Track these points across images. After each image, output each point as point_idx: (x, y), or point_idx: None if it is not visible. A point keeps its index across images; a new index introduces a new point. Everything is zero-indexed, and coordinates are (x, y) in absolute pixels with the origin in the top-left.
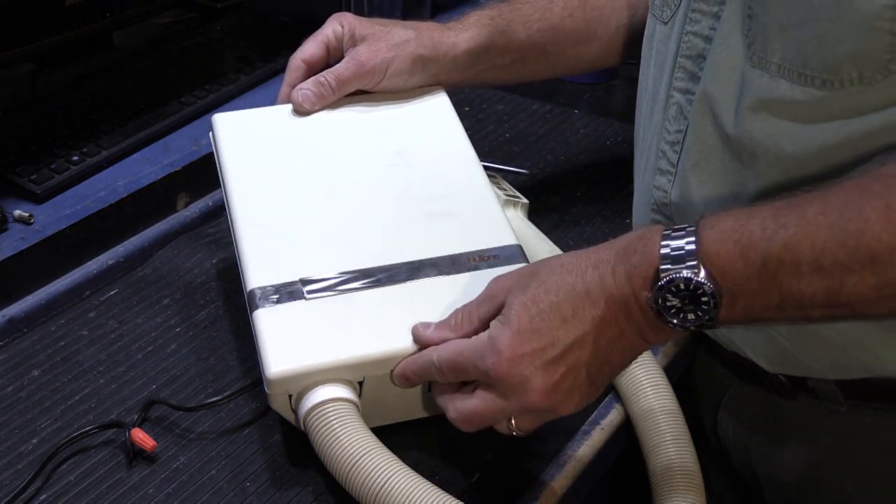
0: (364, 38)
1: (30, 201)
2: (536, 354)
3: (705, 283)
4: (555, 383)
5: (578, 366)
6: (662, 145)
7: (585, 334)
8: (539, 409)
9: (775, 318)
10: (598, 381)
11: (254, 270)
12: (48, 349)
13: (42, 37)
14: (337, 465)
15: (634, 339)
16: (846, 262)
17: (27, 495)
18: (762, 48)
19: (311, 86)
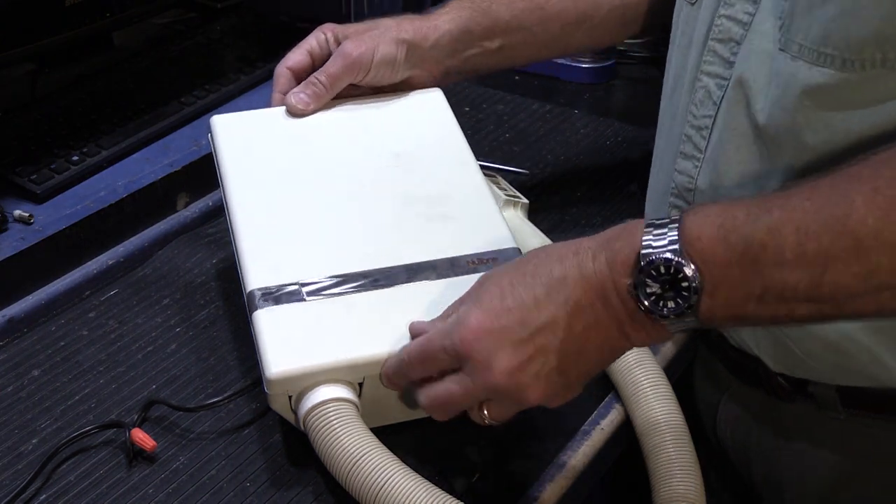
0: (347, 36)
1: (30, 201)
2: (504, 332)
3: (686, 266)
4: (520, 364)
5: (548, 351)
6: (687, 129)
7: (558, 318)
8: (504, 392)
9: (758, 315)
10: (570, 374)
11: (253, 271)
12: (48, 349)
13: (42, 37)
14: (337, 466)
15: (612, 332)
16: (830, 247)
17: (27, 495)
18: (787, 29)
19: (304, 88)
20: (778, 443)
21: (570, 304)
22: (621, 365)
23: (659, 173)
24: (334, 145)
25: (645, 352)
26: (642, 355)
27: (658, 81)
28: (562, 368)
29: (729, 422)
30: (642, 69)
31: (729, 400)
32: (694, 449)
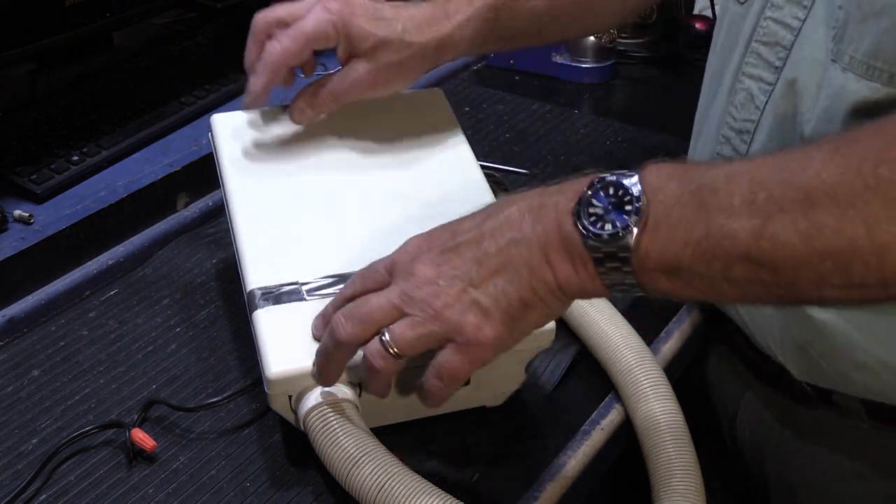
0: (363, 53)
1: (30, 201)
2: (434, 241)
3: (633, 187)
4: (439, 272)
5: (468, 261)
6: (726, 131)
7: (485, 231)
8: (417, 300)
9: (692, 269)
10: (486, 295)
11: (253, 271)
12: (48, 349)
13: (42, 37)
14: (337, 466)
15: (535, 254)
16: (779, 198)
17: (27, 495)
18: (840, 39)
19: (306, 102)
20: (795, 446)
21: (502, 218)
22: (621, 365)
23: None
24: (335, 144)
25: (645, 352)
26: (642, 355)
27: (658, 81)
28: (476, 282)
29: (750, 422)
30: (642, 69)
31: (751, 399)
32: (694, 449)
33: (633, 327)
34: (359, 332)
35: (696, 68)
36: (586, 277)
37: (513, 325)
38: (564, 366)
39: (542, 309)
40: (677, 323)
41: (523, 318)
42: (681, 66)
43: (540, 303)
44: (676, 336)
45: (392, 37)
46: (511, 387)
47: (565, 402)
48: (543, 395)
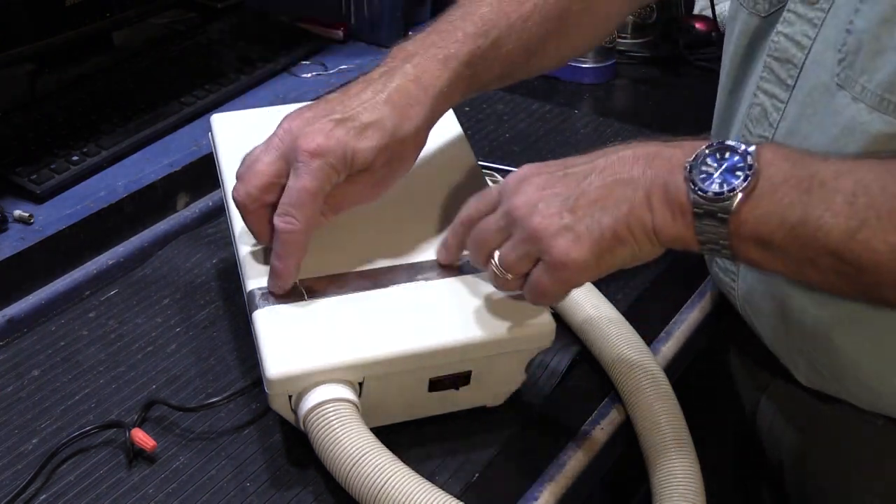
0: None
1: (30, 201)
2: (546, 168)
3: (749, 156)
4: (542, 194)
5: (571, 187)
6: None
7: (596, 165)
8: (518, 217)
9: (783, 248)
10: (579, 219)
11: (253, 271)
12: (48, 349)
13: (42, 37)
14: (337, 466)
15: (639, 195)
16: (878, 206)
17: (27, 495)
18: (850, 66)
19: None
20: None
21: (614, 158)
22: (621, 365)
23: None
24: None
25: (645, 352)
26: (643, 355)
27: (658, 81)
28: (573, 207)
29: (769, 411)
30: (642, 69)
31: (770, 395)
32: (694, 449)
33: (633, 327)
34: (477, 257)
35: (696, 68)
36: (682, 227)
37: (601, 256)
38: (564, 366)
39: (633, 247)
40: (677, 323)
41: (612, 252)
42: (681, 66)
43: (632, 240)
44: (676, 336)
45: (387, 140)
46: (511, 387)
47: (565, 402)
48: (543, 395)
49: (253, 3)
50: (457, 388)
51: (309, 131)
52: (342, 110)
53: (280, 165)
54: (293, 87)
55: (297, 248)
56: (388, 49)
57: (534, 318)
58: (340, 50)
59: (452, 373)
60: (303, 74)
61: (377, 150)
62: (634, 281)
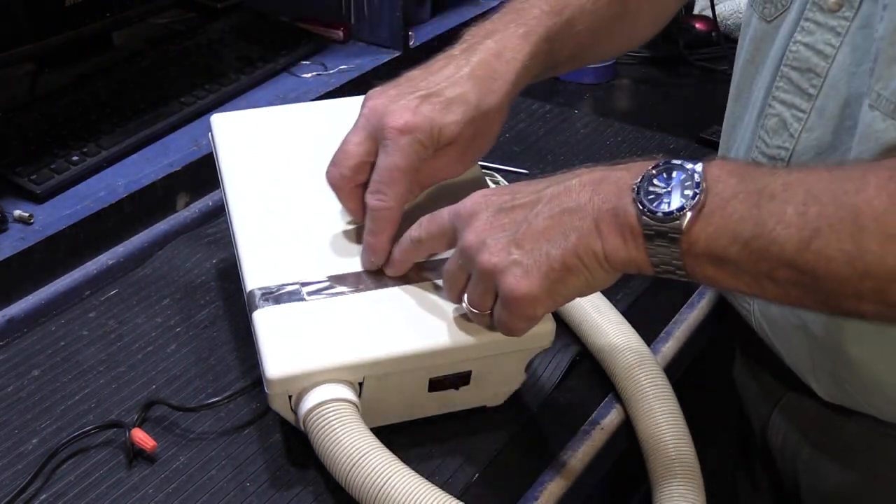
0: (454, 138)
1: (30, 201)
2: (495, 198)
3: (696, 174)
4: (491, 226)
5: (518, 221)
6: (756, 155)
7: (543, 195)
8: (469, 253)
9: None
10: (525, 250)
11: (253, 271)
12: (48, 349)
13: (42, 37)
14: (337, 466)
15: (587, 222)
16: (829, 215)
17: (27, 495)
18: (869, 73)
19: None
20: (829, 457)
21: (561, 187)
22: (621, 365)
23: None
24: (335, 144)
25: (645, 352)
26: (643, 355)
27: (658, 81)
28: (520, 241)
29: (782, 429)
30: (642, 69)
31: (784, 407)
32: (694, 449)
33: (633, 327)
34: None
35: (696, 68)
36: (634, 250)
37: (551, 287)
38: (564, 366)
39: (585, 276)
40: (677, 323)
41: (564, 282)
42: (681, 66)
43: (583, 269)
44: (676, 336)
45: (472, 114)
46: (511, 387)
47: (565, 402)
48: (543, 395)
49: (253, 3)
50: (457, 388)
51: (395, 109)
52: (426, 86)
53: (369, 145)
54: (293, 87)
55: (389, 224)
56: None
57: None
58: (340, 50)
59: (452, 373)
60: (303, 74)
61: (463, 125)
62: (634, 281)
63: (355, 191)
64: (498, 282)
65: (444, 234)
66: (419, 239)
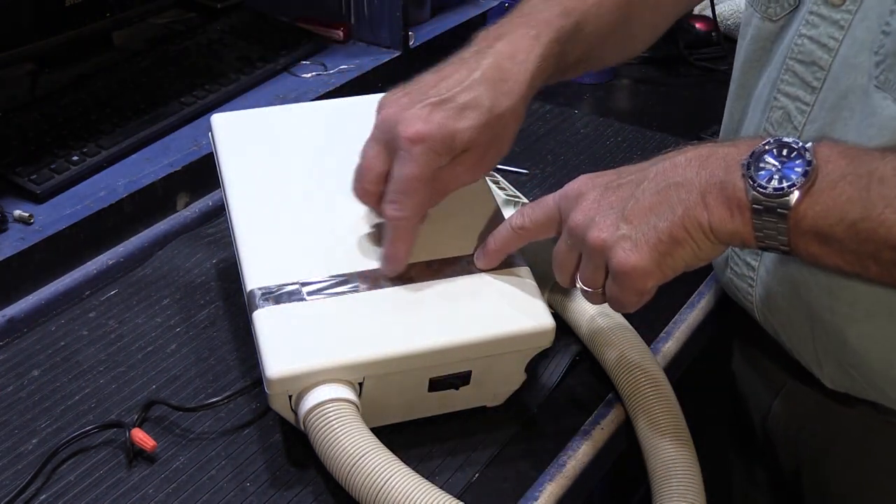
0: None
1: (30, 201)
2: (602, 178)
3: (807, 152)
4: (599, 204)
5: (625, 197)
6: None
7: (649, 172)
8: (579, 230)
9: (842, 243)
10: (636, 226)
11: (253, 271)
12: (48, 349)
13: (42, 37)
14: (337, 466)
15: (693, 195)
16: None
17: (27, 495)
18: (890, 68)
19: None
20: (830, 446)
21: (667, 163)
22: (621, 365)
23: None
24: (335, 144)
25: (646, 352)
26: (643, 355)
27: (658, 81)
28: (628, 216)
29: (783, 415)
30: (642, 69)
31: (785, 396)
32: (694, 449)
33: (633, 327)
34: (562, 280)
35: (696, 68)
36: (740, 224)
37: (661, 260)
38: (564, 366)
39: (692, 248)
40: (677, 323)
41: (672, 254)
42: (681, 66)
43: (690, 241)
44: (676, 336)
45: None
46: (511, 387)
47: (565, 402)
48: (543, 395)
49: (253, 3)
50: (457, 388)
51: (407, 117)
52: (437, 93)
53: (385, 156)
54: (293, 87)
55: (407, 234)
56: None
57: (534, 318)
58: (340, 50)
59: (452, 373)
60: (303, 74)
61: (478, 130)
62: None
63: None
64: (608, 257)
65: (550, 219)
66: (522, 226)
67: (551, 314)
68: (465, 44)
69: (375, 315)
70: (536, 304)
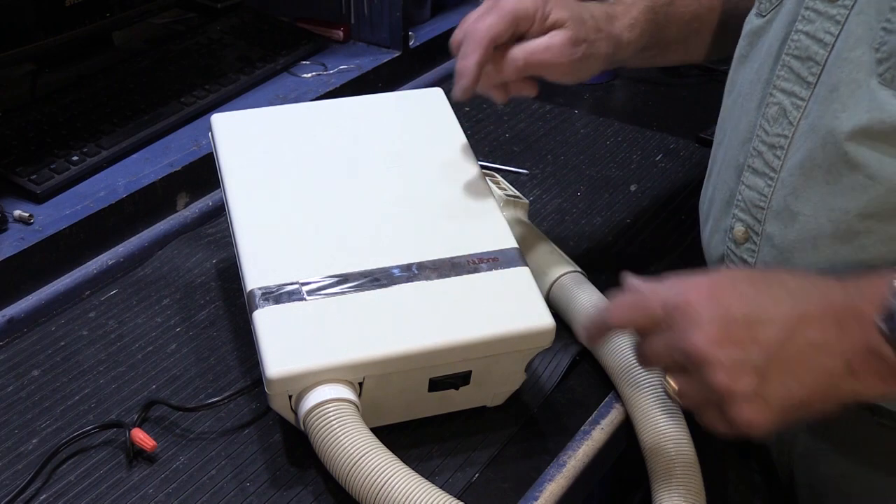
0: (561, 24)
1: (30, 201)
2: (725, 305)
3: None
4: (723, 340)
5: (759, 344)
6: (757, 144)
7: (784, 320)
8: (694, 361)
9: None
10: (771, 384)
11: (253, 271)
12: (48, 349)
13: (42, 37)
14: (337, 466)
15: (836, 362)
16: None
17: (27, 495)
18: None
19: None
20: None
21: (801, 311)
22: (621, 365)
23: (718, 182)
24: (335, 144)
25: None
26: None
27: (658, 81)
28: (764, 371)
29: None
30: (642, 69)
31: None
32: (694, 449)
33: None
34: (644, 366)
35: (696, 68)
36: (890, 381)
37: (784, 420)
38: (564, 366)
39: (820, 409)
40: None
41: (797, 415)
42: (681, 66)
43: (820, 406)
44: None
45: (586, 18)
46: (511, 387)
47: (565, 402)
48: (543, 395)
49: (253, 3)
50: (457, 388)
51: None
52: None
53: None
54: (293, 87)
55: (479, 47)
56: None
57: (534, 318)
58: (340, 50)
59: (452, 373)
60: (303, 74)
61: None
62: None
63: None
64: (731, 407)
65: (653, 324)
66: (619, 323)
67: (551, 314)
68: None
69: (375, 315)
70: (536, 304)
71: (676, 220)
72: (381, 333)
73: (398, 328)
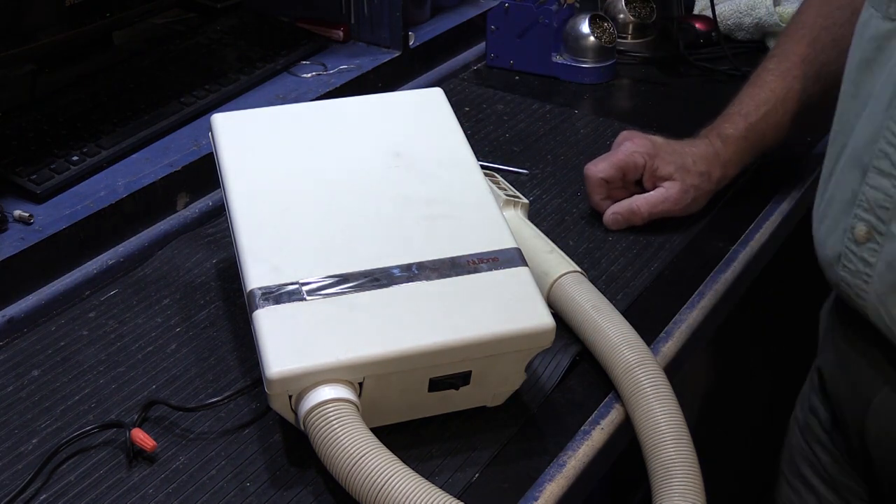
0: (669, 177)
1: (30, 201)
2: None
3: None
4: None
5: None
6: (884, 145)
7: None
8: None
9: None
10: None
11: (253, 271)
12: (48, 349)
13: (42, 37)
14: (337, 466)
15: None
16: None
17: (27, 495)
18: None
19: (624, 211)
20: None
21: None
22: (621, 365)
23: (838, 182)
24: (335, 144)
25: (645, 352)
26: (643, 355)
27: (658, 81)
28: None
29: (885, 416)
30: (642, 69)
31: (889, 394)
32: (694, 449)
33: (633, 327)
34: None
35: (696, 68)
36: None
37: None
38: (564, 366)
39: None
40: (677, 323)
41: None
42: (681, 66)
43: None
44: (676, 336)
45: (689, 166)
46: (511, 387)
47: (565, 402)
48: (543, 395)
49: (253, 3)
50: (457, 388)
51: None
52: None
53: None
54: (293, 87)
55: (597, 187)
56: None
57: (534, 318)
58: (340, 50)
59: (452, 373)
60: (303, 74)
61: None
62: (635, 281)
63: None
64: None
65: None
66: None
67: (551, 314)
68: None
69: (375, 315)
70: (536, 304)
71: (676, 219)
72: (381, 333)
73: (398, 328)
